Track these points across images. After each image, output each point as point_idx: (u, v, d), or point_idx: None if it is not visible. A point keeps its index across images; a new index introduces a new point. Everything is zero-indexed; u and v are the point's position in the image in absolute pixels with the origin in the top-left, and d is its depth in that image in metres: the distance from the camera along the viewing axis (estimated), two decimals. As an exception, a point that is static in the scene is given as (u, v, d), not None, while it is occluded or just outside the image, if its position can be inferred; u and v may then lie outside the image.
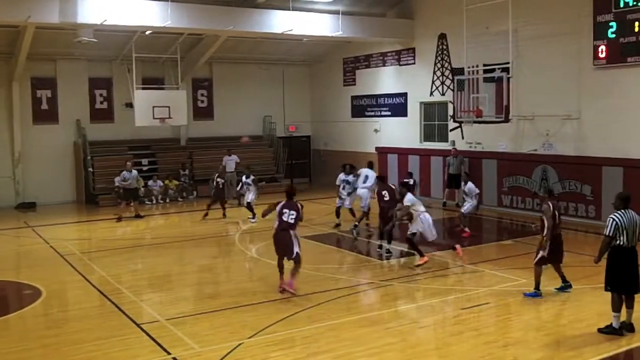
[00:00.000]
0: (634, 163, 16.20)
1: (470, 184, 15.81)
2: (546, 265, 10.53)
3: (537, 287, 10.40)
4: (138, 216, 19.66)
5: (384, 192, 13.95)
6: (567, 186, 17.89)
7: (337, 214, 17.27)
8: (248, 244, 15.55)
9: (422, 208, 12.81)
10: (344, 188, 17.04)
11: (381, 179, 15.28)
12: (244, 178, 18.91)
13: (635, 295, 8.77)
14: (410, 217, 12.69)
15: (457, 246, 13.21)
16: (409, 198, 12.72)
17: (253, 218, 18.16)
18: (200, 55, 24.05)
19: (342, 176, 17.13)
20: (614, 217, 8.53)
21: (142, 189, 22.05)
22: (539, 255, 10.39)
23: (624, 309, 8.69)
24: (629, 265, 8.56)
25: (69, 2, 17.34)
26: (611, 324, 8.66)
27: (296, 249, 10.68)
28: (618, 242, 8.51)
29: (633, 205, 8.81)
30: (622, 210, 8.58)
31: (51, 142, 23.26)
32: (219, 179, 19.47)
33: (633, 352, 8.27)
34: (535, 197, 18.65)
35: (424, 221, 12.59)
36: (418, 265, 12.48)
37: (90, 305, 10.87)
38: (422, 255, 12.60)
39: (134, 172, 19.82)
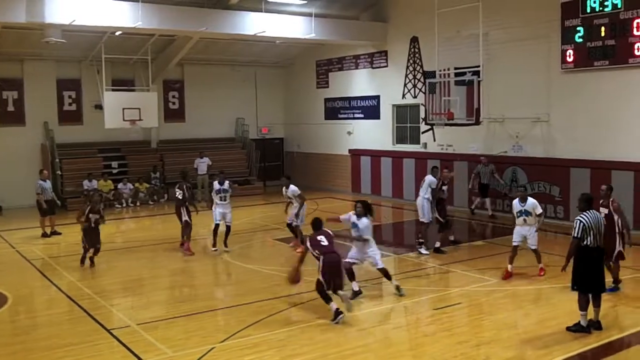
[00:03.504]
0: (601, 164, 16.48)
1: (531, 200, 11.96)
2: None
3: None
4: (55, 233, 17.45)
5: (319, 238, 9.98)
6: (537, 187, 18.11)
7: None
8: (222, 247, 15.41)
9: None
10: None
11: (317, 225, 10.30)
12: (216, 184, 15.51)
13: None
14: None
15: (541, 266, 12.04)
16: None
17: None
18: (172, 56, 23.86)
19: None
20: (580, 218, 8.66)
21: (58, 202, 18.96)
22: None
23: (591, 307, 8.83)
24: (595, 265, 8.70)
25: (36, 2, 17.04)
26: (579, 322, 8.78)
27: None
28: (585, 242, 8.64)
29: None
30: (587, 212, 8.73)
31: (18, 144, 22.84)
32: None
33: (601, 349, 8.38)
34: (505, 198, 18.89)
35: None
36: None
37: (59, 310, 10.68)
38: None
39: (49, 182, 17.74)
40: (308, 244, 9.87)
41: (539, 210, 11.89)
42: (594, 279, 8.73)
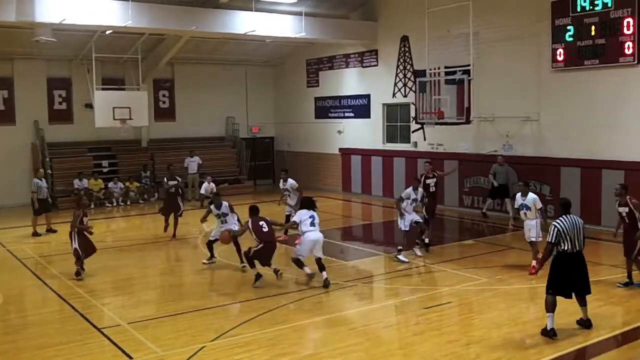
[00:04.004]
0: (591, 163, 16.56)
1: (532, 195, 12.25)
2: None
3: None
4: (51, 230, 17.48)
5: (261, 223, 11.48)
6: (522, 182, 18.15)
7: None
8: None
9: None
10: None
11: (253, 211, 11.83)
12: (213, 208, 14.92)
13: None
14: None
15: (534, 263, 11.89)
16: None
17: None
18: (162, 55, 23.80)
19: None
20: (555, 223, 8.54)
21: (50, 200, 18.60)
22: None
23: (578, 307, 8.85)
24: (572, 269, 8.59)
25: (26, 1, 16.94)
26: (546, 325, 8.64)
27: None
28: (562, 247, 8.55)
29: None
30: (564, 216, 8.61)
31: (8, 143, 22.74)
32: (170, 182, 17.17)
33: (591, 348, 8.43)
34: (495, 198, 18.95)
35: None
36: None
37: (50, 310, 10.66)
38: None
39: (44, 180, 17.78)
40: (250, 225, 11.37)
41: (539, 205, 12.08)
42: (573, 283, 8.65)
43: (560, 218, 8.59)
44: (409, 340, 8.88)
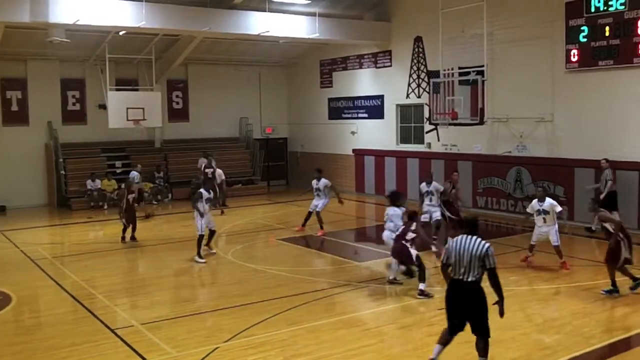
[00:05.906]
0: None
1: (549, 200, 12.50)
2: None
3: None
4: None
5: None
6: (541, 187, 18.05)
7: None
8: (225, 247, 15.44)
9: None
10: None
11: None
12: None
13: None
14: None
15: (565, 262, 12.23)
16: None
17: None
18: (176, 56, 23.86)
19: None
20: (449, 242, 7.58)
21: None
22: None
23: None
24: (459, 299, 7.41)
25: (40, 1, 17.02)
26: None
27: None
28: (451, 271, 7.47)
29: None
30: (460, 237, 7.46)
31: (22, 144, 22.88)
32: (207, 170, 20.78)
33: (605, 350, 8.31)
34: (509, 199, 18.85)
35: None
36: None
37: (63, 310, 10.69)
38: None
39: None
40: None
41: (558, 209, 12.35)
42: (464, 315, 7.40)
43: (456, 237, 7.48)
44: (423, 341, 8.82)
